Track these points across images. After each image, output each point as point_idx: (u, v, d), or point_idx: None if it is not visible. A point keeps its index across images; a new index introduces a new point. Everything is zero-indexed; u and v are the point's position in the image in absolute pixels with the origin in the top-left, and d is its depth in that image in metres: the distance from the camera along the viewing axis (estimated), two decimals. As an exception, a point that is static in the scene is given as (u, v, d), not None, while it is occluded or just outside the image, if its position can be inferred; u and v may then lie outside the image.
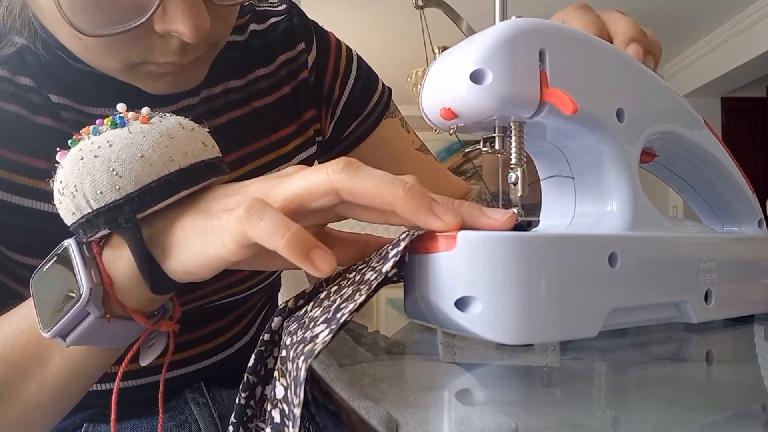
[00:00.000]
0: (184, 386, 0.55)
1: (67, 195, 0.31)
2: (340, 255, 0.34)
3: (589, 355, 0.36)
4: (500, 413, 0.26)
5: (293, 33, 0.57)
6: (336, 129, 0.61)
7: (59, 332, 0.31)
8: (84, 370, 0.35)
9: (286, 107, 0.56)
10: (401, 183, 0.27)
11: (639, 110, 0.35)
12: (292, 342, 0.25)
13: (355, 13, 3.08)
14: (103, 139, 0.31)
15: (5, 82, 0.44)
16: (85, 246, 0.32)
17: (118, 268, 0.32)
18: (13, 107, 0.43)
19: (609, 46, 0.34)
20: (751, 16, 3.20)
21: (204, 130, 0.35)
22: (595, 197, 0.35)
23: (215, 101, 0.51)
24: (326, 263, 0.26)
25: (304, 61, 0.57)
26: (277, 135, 0.55)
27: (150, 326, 0.34)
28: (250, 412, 0.28)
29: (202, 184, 0.33)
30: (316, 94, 0.59)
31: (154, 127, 0.32)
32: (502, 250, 0.26)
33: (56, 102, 0.45)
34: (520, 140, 0.31)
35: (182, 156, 0.32)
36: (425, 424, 0.24)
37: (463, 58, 0.30)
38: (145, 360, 0.36)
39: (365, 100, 0.62)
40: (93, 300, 0.30)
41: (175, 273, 0.31)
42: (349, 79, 0.61)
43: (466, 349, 0.38)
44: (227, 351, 0.58)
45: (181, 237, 0.31)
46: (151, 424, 0.50)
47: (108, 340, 0.33)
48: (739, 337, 0.42)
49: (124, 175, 0.30)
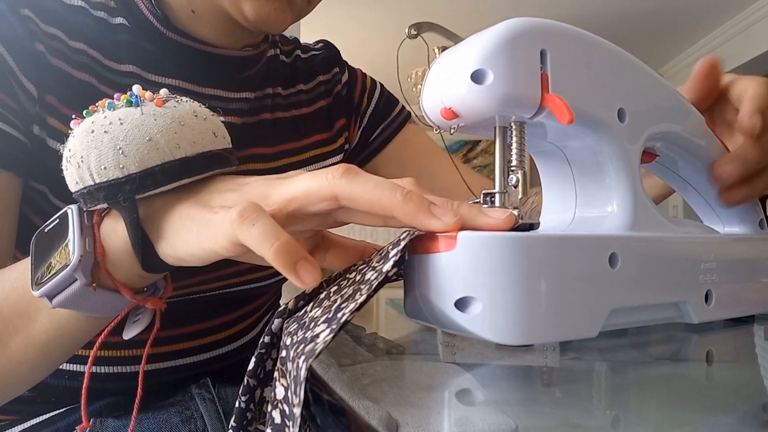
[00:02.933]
0: (189, 378, 0.56)
1: (73, 164, 0.32)
2: (335, 260, 0.35)
3: (589, 355, 0.36)
4: (500, 413, 0.26)
5: (329, 60, 0.69)
6: (364, 134, 0.70)
7: (46, 293, 0.32)
8: (68, 334, 0.36)
9: (321, 118, 0.65)
10: (398, 188, 0.28)
11: (640, 110, 0.35)
12: (292, 342, 0.25)
13: (355, 13, 3.08)
14: (115, 116, 0.32)
15: (81, 54, 0.48)
16: (86, 214, 0.33)
17: (113, 241, 0.32)
18: (84, 75, 0.48)
19: (610, 45, 0.34)
20: (751, 16, 3.20)
21: (218, 119, 0.36)
22: (595, 197, 0.35)
23: (265, 100, 0.60)
24: (311, 276, 0.26)
25: (338, 79, 0.69)
26: (311, 139, 0.63)
27: (136, 301, 0.34)
28: (250, 415, 0.28)
29: (204, 174, 0.33)
30: (347, 105, 0.69)
31: (167, 112, 0.33)
32: (502, 251, 0.26)
33: (125, 71, 0.50)
34: (521, 140, 0.31)
35: (190, 144, 0.32)
36: (425, 424, 0.24)
37: (464, 58, 0.30)
38: (128, 334, 0.37)
39: (389, 110, 0.72)
40: (81, 267, 0.31)
41: (167, 256, 0.32)
42: (375, 94, 0.72)
43: (466, 349, 0.38)
44: (234, 344, 0.60)
45: (178, 224, 0.31)
46: (157, 419, 0.51)
47: (93, 308, 0.33)
48: (739, 337, 0.42)
49: (130, 155, 0.31)
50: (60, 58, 0.47)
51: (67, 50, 0.48)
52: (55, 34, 0.48)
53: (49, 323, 0.35)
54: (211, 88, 0.55)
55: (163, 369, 0.54)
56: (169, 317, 0.52)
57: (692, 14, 3.19)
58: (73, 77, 0.48)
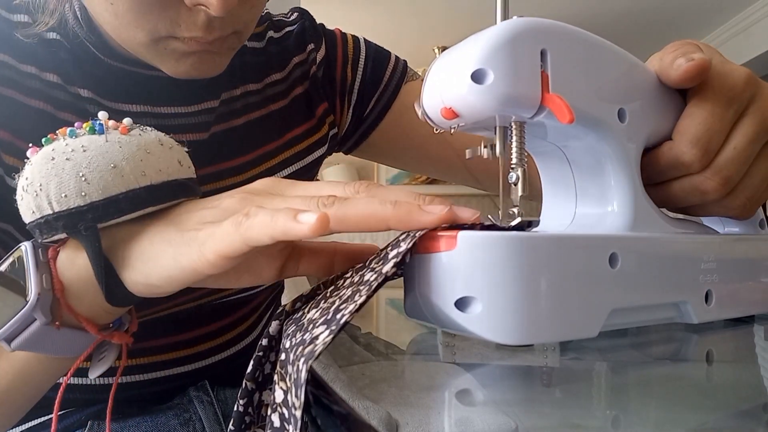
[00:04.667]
0: (189, 384, 0.55)
1: (30, 192, 0.30)
2: (307, 266, 0.35)
3: (589, 355, 0.36)
4: (500, 413, 0.26)
5: (304, 36, 0.61)
6: (356, 111, 0.62)
7: (3, 336, 0.30)
8: (29, 379, 0.34)
9: (300, 107, 0.58)
10: (386, 200, 0.27)
11: (640, 110, 0.35)
12: (291, 345, 0.25)
13: (354, 14, 3.08)
14: (78, 143, 0.31)
15: (32, 78, 0.44)
16: (40, 250, 0.31)
17: (72, 273, 0.31)
18: (38, 103, 0.44)
19: (610, 45, 0.34)
20: (751, 16, 3.20)
21: (183, 149, 0.35)
22: (595, 197, 0.35)
23: (234, 103, 0.54)
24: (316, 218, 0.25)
25: (313, 59, 0.60)
26: (291, 134, 0.57)
27: (101, 336, 0.33)
28: (249, 419, 0.28)
29: (170, 203, 0.32)
30: (328, 87, 0.61)
31: (132, 140, 0.32)
32: (502, 250, 0.26)
33: (85, 96, 0.46)
34: (521, 140, 0.31)
35: (155, 172, 0.32)
36: (425, 424, 0.24)
37: (464, 58, 0.29)
38: (94, 372, 0.36)
39: (379, 75, 0.63)
40: (40, 306, 0.30)
41: (135, 284, 0.31)
42: (359, 60, 0.62)
43: (466, 349, 0.38)
44: (232, 349, 0.59)
45: (150, 249, 0.30)
46: (156, 422, 0.51)
47: (56, 349, 0.32)
48: (739, 337, 0.42)
49: (93, 183, 0.30)
50: (10, 87, 0.43)
51: (17, 76, 0.43)
52: (2, 59, 0.43)
53: (8, 368, 0.34)
54: (169, 106, 0.50)
55: (163, 377, 0.54)
56: (162, 327, 0.52)
57: (692, 14, 3.19)
58: (27, 106, 0.43)
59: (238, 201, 0.30)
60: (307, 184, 0.31)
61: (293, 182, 0.32)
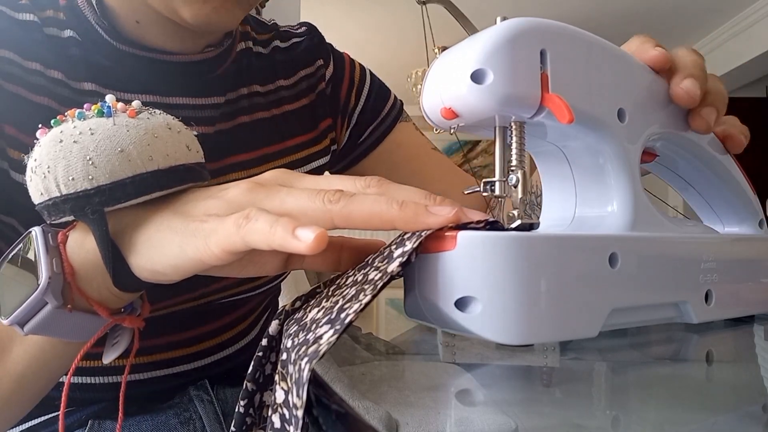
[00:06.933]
0: (189, 383, 0.55)
1: (38, 174, 0.31)
2: (313, 259, 0.34)
3: (589, 355, 0.36)
4: (500, 413, 0.26)
5: (312, 51, 0.63)
6: (353, 135, 0.65)
7: (17, 320, 0.30)
8: (43, 363, 0.35)
9: (305, 117, 0.60)
10: (393, 200, 0.27)
11: (640, 110, 0.35)
12: (293, 344, 0.25)
13: (354, 13, 3.08)
14: (85, 126, 0.31)
15: (37, 75, 0.45)
16: (50, 234, 0.32)
17: (81, 257, 0.31)
18: (43, 99, 0.45)
19: (610, 45, 0.34)
20: (751, 16, 3.20)
21: (191, 132, 0.35)
22: (595, 197, 0.35)
23: (239, 102, 0.55)
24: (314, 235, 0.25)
25: (322, 75, 0.62)
26: (294, 141, 0.58)
27: (113, 320, 0.33)
28: (250, 420, 0.28)
29: (177, 188, 0.32)
30: (333, 105, 0.63)
31: (140, 123, 0.32)
32: (502, 250, 0.26)
33: (88, 90, 0.47)
34: (520, 140, 0.31)
35: (163, 157, 0.32)
36: (425, 424, 0.24)
37: (464, 58, 0.29)
38: (107, 357, 0.36)
39: (379, 107, 0.66)
40: (51, 289, 0.30)
41: (141, 270, 0.31)
42: (363, 89, 0.66)
43: (466, 349, 0.38)
44: (231, 348, 0.59)
45: (156, 236, 0.30)
46: (156, 421, 0.51)
47: (67, 332, 0.32)
48: (739, 337, 0.42)
49: (100, 166, 0.30)
50: (16, 83, 0.44)
51: (22, 73, 0.44)
52: (8, 56, 0.44)
53: (23, 353, 0.34)
54: (176, 97, 0.51)
55: (163, 376, 0.54)
56: (161, 325, 0.52)
57: (692, 14, 3.19)
58: (32, 102, 0.44)
59: (244, 192, 0.30)
60: (317, 178, 0.31)
61: (303, 175, 0.32)
